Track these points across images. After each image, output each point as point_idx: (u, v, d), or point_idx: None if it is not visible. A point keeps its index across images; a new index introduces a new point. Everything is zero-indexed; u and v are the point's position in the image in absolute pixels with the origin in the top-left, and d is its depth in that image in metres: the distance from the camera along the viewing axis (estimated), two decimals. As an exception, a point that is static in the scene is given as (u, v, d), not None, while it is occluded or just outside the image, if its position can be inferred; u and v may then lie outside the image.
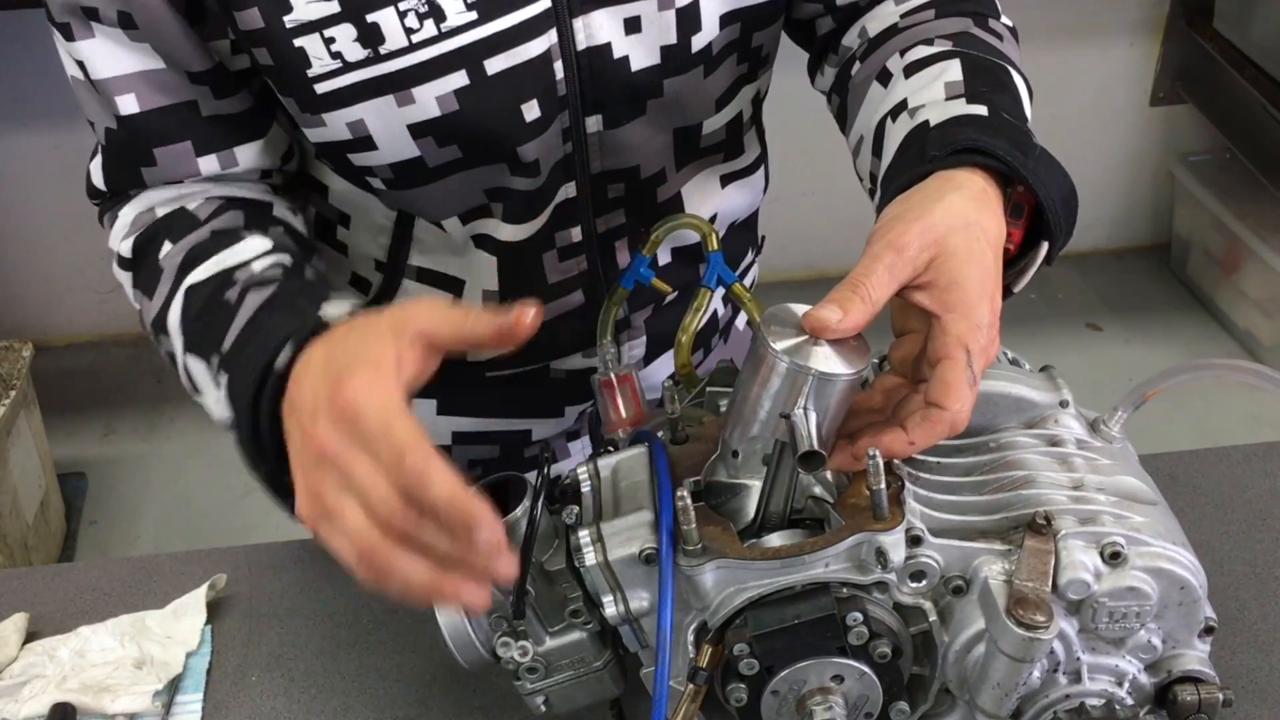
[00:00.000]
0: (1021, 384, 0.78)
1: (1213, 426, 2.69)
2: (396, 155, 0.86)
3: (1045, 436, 0.77)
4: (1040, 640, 0.66)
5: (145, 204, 0.91)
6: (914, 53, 0.87)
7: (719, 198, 1.04)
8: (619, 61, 0.87)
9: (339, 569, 1.04)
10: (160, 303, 0.86)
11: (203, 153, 0.88)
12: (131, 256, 0.90)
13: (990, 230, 0.72)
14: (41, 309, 3.05)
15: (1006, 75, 0.85)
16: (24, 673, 0.94)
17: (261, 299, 0.79)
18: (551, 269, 0.97)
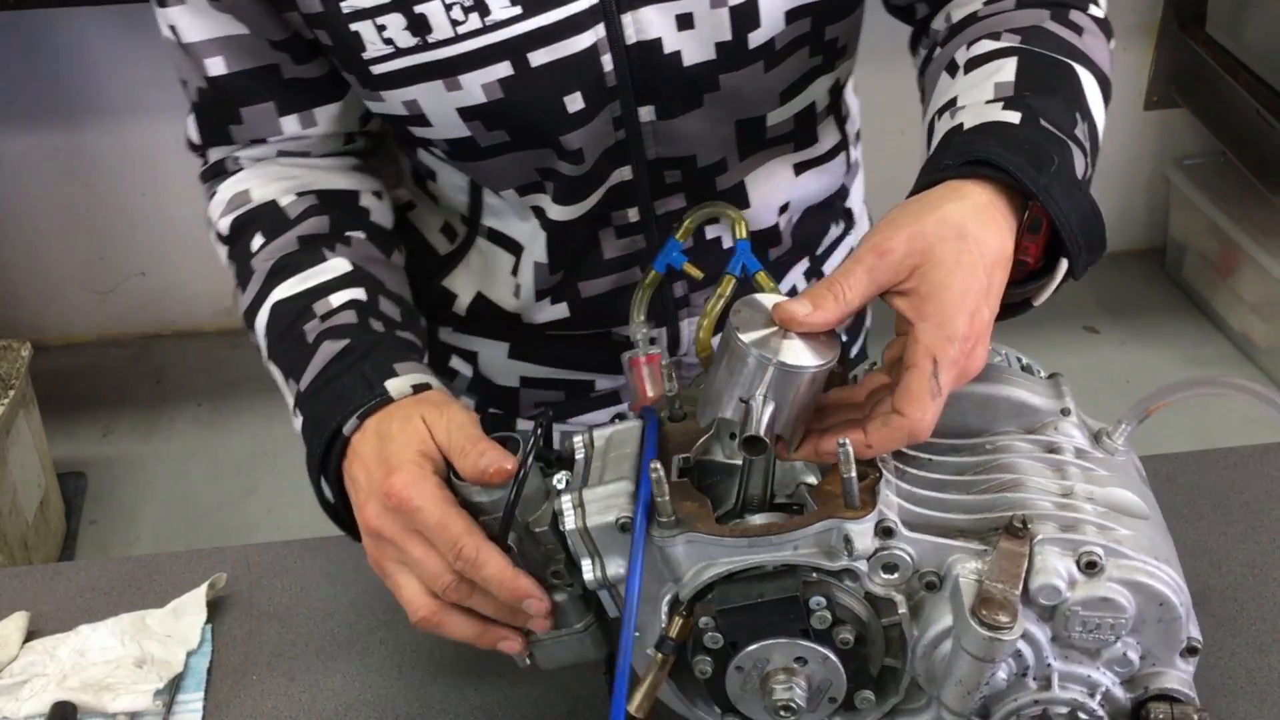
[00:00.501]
0: (1024, 389, 0.78)
1: (1211, 428, 2.70)
2: (449, 134, 0.91)
3: (1043, 443, 0.77)
4: (1001, 641, 0.66)
5: (241, 185, 0.97)
6: (978, 46, 0.85)
7: (791, 185, 1.04)
8: (670, 56, 0.89)
9: (339, 568, 1.05)
10: (250, 301, 0.93)
11: (285, 113, 0.94)
12: (228, 235, 0.97)
13: (988, 245, 0.71)
14: (40, 309, 3.05)
15: (1066, 75, 0.82)
16: (24, 671, 0.94)
17: (335, 350, 0.86)
18: (609, 245, 1.01)
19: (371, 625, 1.00)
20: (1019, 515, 0.70)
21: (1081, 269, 0.75)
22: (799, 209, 1.07)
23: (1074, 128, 0.79)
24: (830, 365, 0.69)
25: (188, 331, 3.13)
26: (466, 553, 0.73)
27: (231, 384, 2.93)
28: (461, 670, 0.95)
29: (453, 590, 0.74)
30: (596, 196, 0.97)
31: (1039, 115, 0.77)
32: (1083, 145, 0.78)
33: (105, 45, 2.76)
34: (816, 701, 0.75)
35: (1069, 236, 0.74)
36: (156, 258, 3.05)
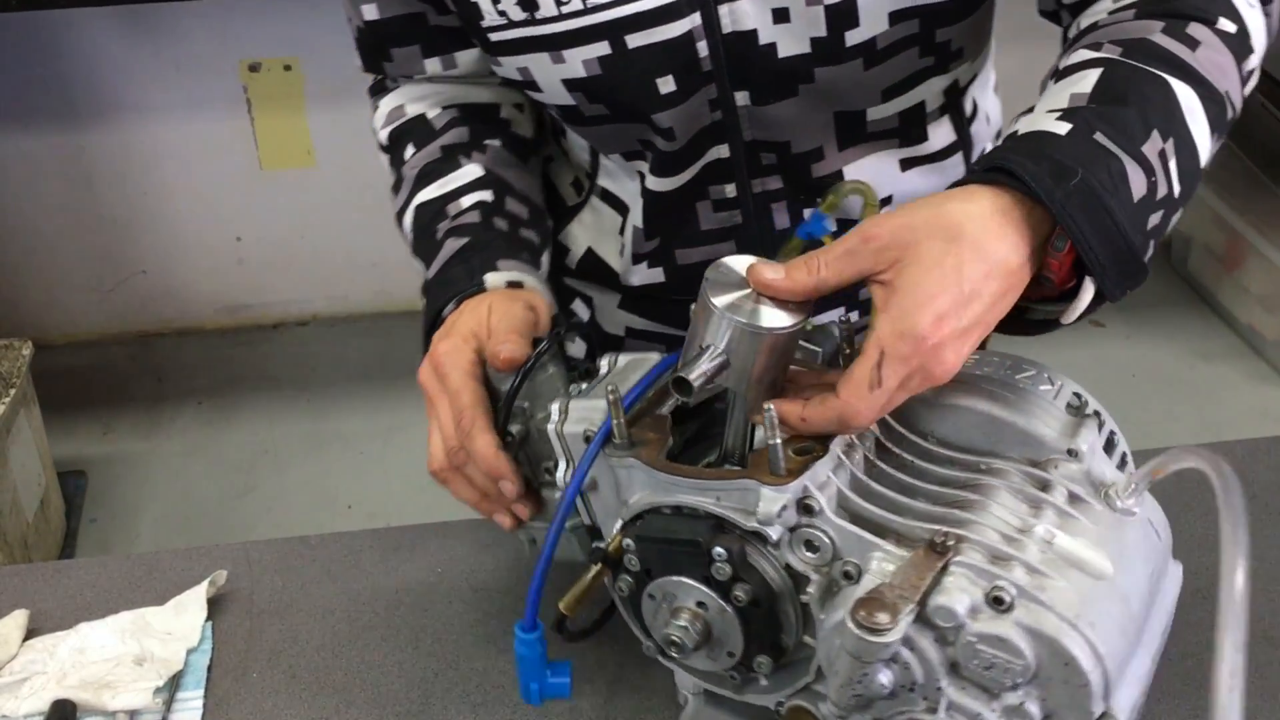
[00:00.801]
0: (1036, 419, 0.75)
1: (1218, 420, 2.69)
2: (558, 100, 0.98)
3: (1036, 479, 0.73)
4: (870, 642, 0.66)
5: (397, 100, 1.09)
6: (1075, 55, 0.82)
7: (896, 180, 1.04)
8: (765, 48, 0.91)
9: (339, 566, 1.04)
10: (401, 203, 1.06)
11: (428, 55, 1.05)
12: (388, 144, 1.10)
13: (984, 251, 0.68)
14: (41, 307, 3.05)
15: (1151, 87, 0.76)
16: (24, 669, 0.94)
17: (456, 247, 0.98)
18: (705, 218, 1.04)
19: (371, 622, 0.99)
20: (947, 532, 0.69)
21: (1114, 290, 0.72)
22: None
23: (1141, 143, 0.73)
24: (787, 332, 0.70)
25: (188, 330, 3.13)
26: (464, 422, 0.85)
27: (232, 382, 2.93)
28: (462, 667, 0.95)
29: (455, 453, 0.86)
30: (692, 172, 1.00)
31: (1095, 128, 0.73)
32: (1148, 163, 0.73)
33: (107, 45, 2.76)
34: (717, 652, 0.77)
35: (1087, 253, 0.70)
36: (157, 257, 3.05)
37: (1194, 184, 0.78)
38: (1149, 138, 0.74)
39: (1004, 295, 0.70)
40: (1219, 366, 2.85)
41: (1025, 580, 0.66)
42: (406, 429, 2.80)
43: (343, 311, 3.21)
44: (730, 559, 0.72)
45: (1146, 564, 0.71)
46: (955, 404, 0.76)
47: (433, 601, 1.01)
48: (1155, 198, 0.74)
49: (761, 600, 0.73)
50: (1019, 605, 0.66)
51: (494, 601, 1.00)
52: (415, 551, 1.05)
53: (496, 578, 1.02)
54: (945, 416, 0.77)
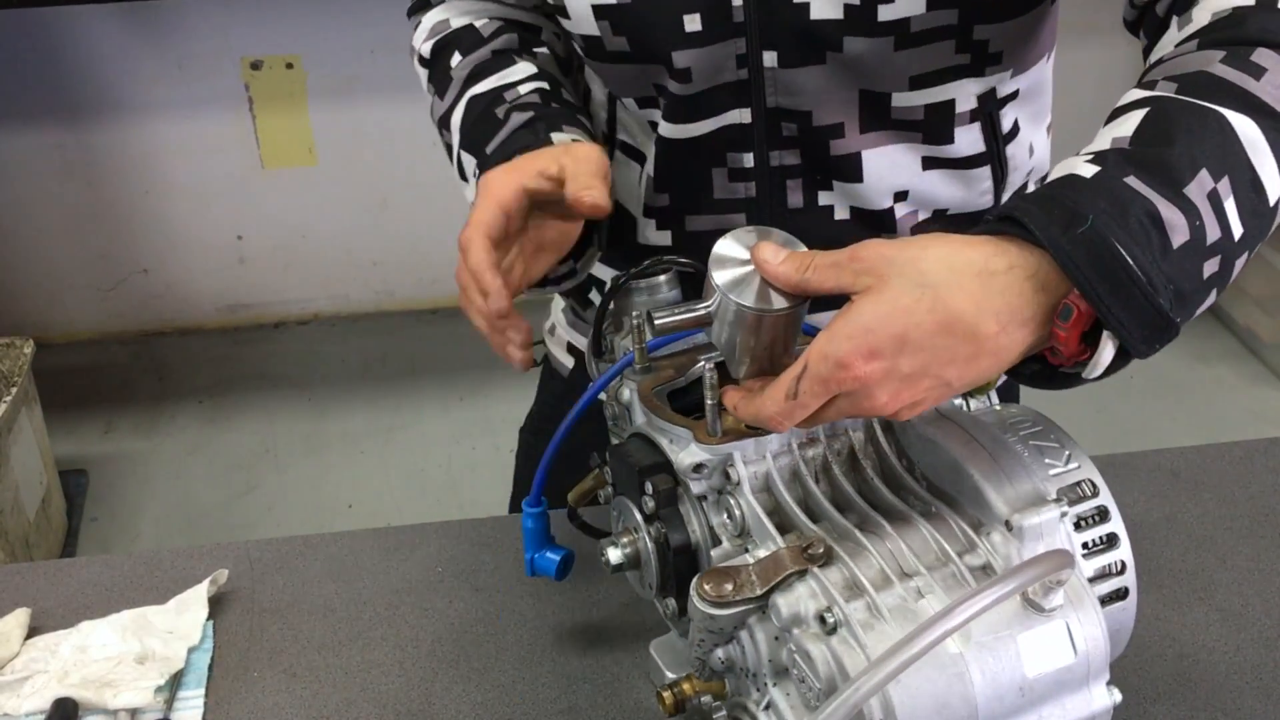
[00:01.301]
0: (997, 482, 0.73)
1: (1214, 422, 2.69)
2: (584, 29, 0.98)
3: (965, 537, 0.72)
4: (702, 611, 0.70)
5: (441, 15, 1.10)
6: (1127, 96, 0.76)
7: (915, 176, 1.03)
8: (799, 6, 0.92)
9: (340, 564, 1.05)
10: (448, 104, 1.05)
11: None
12: (430, 57, 1.09)
13: (951, 307, 0.65)
14: (43, 306, 3.05)
15: (1203, 123, 0.70)
16: (26, 668, 0.94)
17: (522, 120, 0.98)
18: (720, 186, 1.04)
19: (372, 621, 0.99)
20: (820, 541, 0.71)
21: (1140, 346, 0.67)
22: (926, 206, 1.05)
23: (1184, 185, 0.67)
24: (769, 314, 0.73)
25: (189, 329, 3.13)
26: (462, 238, 0.87)
27: (233, 381, 2.93)
28: (462, 667, 0.95)
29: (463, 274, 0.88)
30: (708, 126, 1.00)
31: (1126, 171, 0.67)
32: (1192, 205, 0.67)
33: (108, 43, 2.76)
34: (640, 578, 0.82)
35: (1099, 307, 0.65)
36: (158, 255, 3.06)
37: (1265, 223, 0.72)
38: (1194, 177, 0.68)
39: (969, 359, 0.66)
40: (1216, 368, 2.86)
41: (860, 615, 0.68)
42: (407, 428, 2.80)
43: (344, 311, 3.21)
44: (656, 495, 0.78)
45: (1034, 663, 0.67)
46: (934, 440, 0.76)
47: (433, 601, 1.01)
48: (1205, 243, 0.68)
49: (675, 544, 0.78)
50: (840, 634, 0.67)
51: (494, 601, 1.01)
52: (415, 551, 1.06)
53: (496, 578, 1.03)
54: (925, 450, 0.77)
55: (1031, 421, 0.80)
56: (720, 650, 0.74)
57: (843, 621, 0.68)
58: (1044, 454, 0.77)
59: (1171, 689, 0.92)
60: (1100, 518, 0.76)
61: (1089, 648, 0.68)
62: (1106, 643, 0.69)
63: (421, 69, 1.11)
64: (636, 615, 0.98)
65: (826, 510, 0.75)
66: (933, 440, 0.76)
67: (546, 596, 1.00)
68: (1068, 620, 0.68)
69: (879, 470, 0.78)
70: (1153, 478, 1.11)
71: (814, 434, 0.78)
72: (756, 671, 0.72)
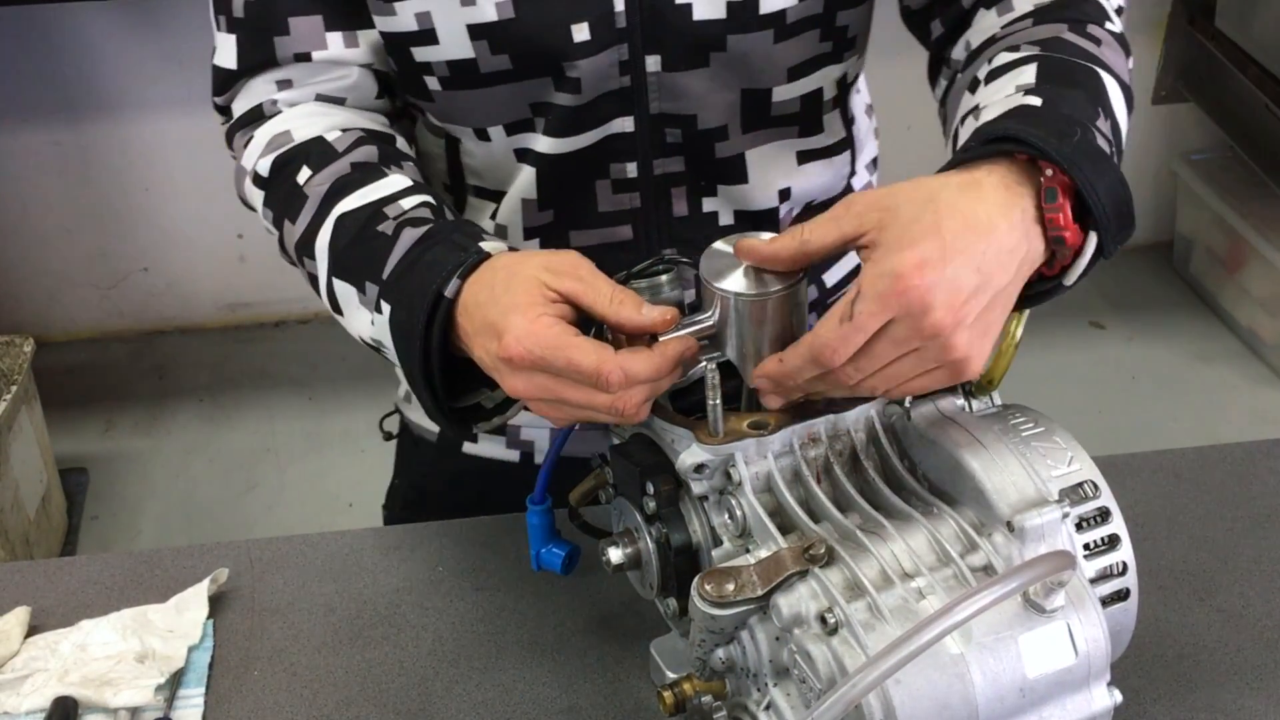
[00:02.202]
0: (998, 481, 0.73)
1: (1216, 423, 2.69)
2: (454, 54, 0.92)
3: (967, 538, 0.72)
4: (704, 611, 0.70)
5: (282, 126, 0.96)
6: (999, 59, 0.86)
7: (793, 172, 1.05)
8: (681, 8, 0.91)
9: (341, 563, 1.05)
10: (306, 226, 0.91)
11: (331, 28, 0.95)
12: (268, 175, 0.95)
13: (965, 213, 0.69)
14: (43, 304, 3.05)
15: (1088, 75, 0.82)
16: (26, 666, 0.94)
17: (418, 234, 0.85)
18: (603, 199, 1.01)
19: (373, 620, 0.99)
20: (821, 541, 0.70)
21: (1112, 244, 0.73)
22: (800, 200, 1.07)
23: (1095, 120, 0.77)
24: (771, 297, 0.73)
25: (190, 327, 3.13)
26: (615, 379, 0.72)
27: (233, 380, 2.93)
28: (463, 666, 0.95)
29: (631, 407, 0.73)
30: (592, 137, 0.97)
31: (1060, 104, 0.77)
32: (1106, 137, 0.77)
33: (108, 41, 2.76)
34: (641, 578, 0.82)
35: (1095, 204, 0.71)
36: (159, 254, 3.05)
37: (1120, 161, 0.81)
38: (1098, 115, 0.79)
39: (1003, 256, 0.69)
40: (1219, 369, 2.85)
41: (861, 616, 0.68)
42: (407, 427, 2.80)
43: (344, 309, 3.21)
44: (658, 496, 0.77)
45: (1035, 664, 0.68)
46: (935, 440, 0.76)
47: (433, 600, 1.01)
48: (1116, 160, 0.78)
49: (676, 544, 0.78)
50: (841, 634, 0.67)
51: (494, 601, 1.00)
52: (416, 550, 1.06)
53: (497, 577, 1.03)
54: (928, 451, 0.77)
55: (1033, 422, 0.80)
56: (721, 650, 0.74)
57: (844, 622, 0.68)
58: (1046, 455, 0.77)
59: (1172, 690, 0.92)
60: (1102, 519, 0.76)
61: (1090, 648, 0.69)
62: (1107, 643, 0.69)
63: (256, 189, 0.97)
64: (637, 615, 0.98)
65: (828, 510, 0.74)
66: (934, 441, 0.76)
67: (547, 596, 1.00)
68: (1069, 621, 0.68)
69: (881, 471, 0.78)
70: (1154, 478, 1.11)
71: (816, 434, 0.78)
72: (757, 672, 0.72)
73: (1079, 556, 0.75)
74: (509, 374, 0.75)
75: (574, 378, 0.73)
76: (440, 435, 1.17)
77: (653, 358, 0.74)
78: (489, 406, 0.86)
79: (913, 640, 0.61)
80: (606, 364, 0.72)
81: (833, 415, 0.78)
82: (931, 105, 1.01)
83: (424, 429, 1.20)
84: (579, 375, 0.73)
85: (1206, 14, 2.79)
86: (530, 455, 1.16)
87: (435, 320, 0.79)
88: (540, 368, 0.74)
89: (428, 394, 0.82)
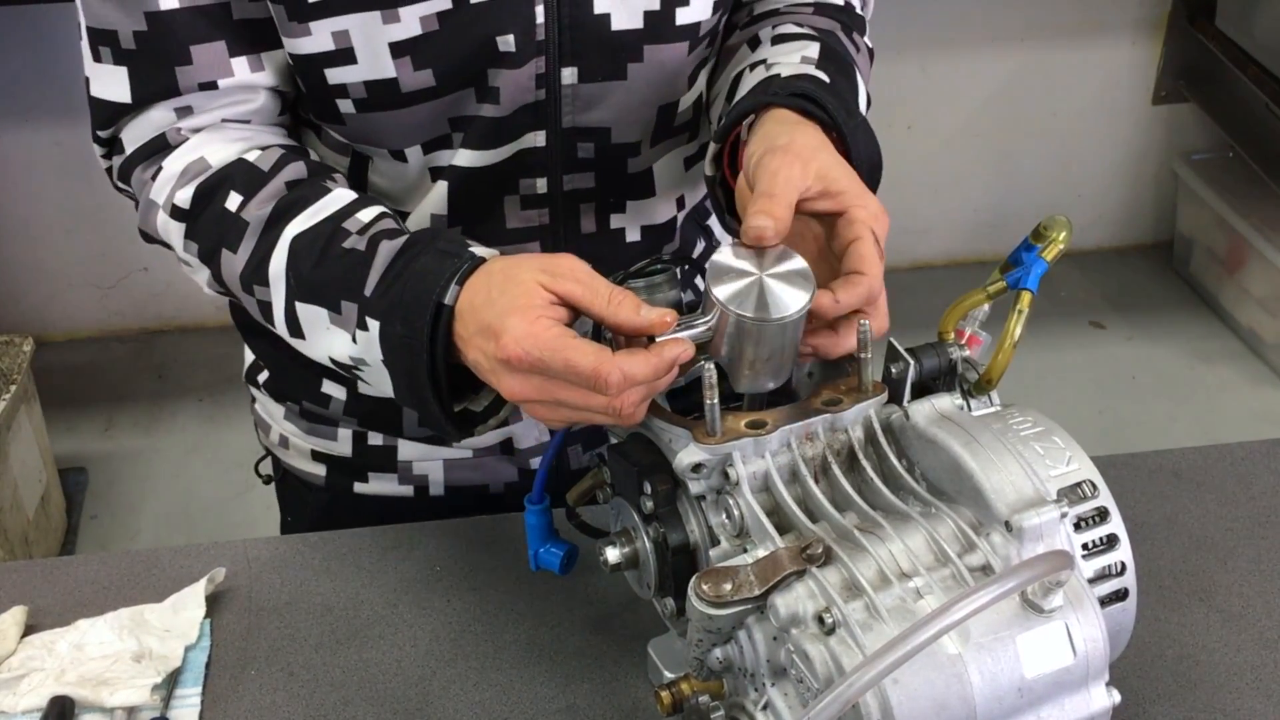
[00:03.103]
0: (997, 481, 0.73)
1: (1216, 423, 2.69)
2: (373, 74, 0.88)
3: (965, 538, 0.72)
4: (701, 611, 0.70)
5: (194, 154, 0.91)
6: (784, 28, 0.97)
7: (685, 181, 1.06)
8: (599, 17, 0.90)
9: (338, 563, 1.04)
10: (251, 253, 0.87)
11: (236, 53, 0.90)
12: (190, 206, 0.90)
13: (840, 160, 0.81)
14: (43, 304, 3.05)
15: (852, 71, 0.95)
16: (22, 666, 0.94)
17: (396, 246, 0.82)
18: (512, 214, 0.99)
19: (370, 620, 0.99)
20: (819, 543, 0.70)
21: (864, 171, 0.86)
22: (690, 205, 1.08)
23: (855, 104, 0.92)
24: (770, 323, 0.74)
25: (189, 327, 3.13)
26: (614, 381, 0.72)
27: (233, 379, 2.91)
28: (460, 665, 0.95)
29: (629, 408, 0.73)
30: (508, 151, 0.95)
31: (839, 87, 0.90)
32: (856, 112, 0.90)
33: (108, 40, 2.76)
34: (638, 578, 0.82)
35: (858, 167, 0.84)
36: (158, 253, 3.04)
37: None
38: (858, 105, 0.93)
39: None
40: (1219, 369, 2.85)
41: (859, 616, 0.67)
42: (407, 427, 2.80)
43: (344, 309, 3.20)
44: (655, 496, 0.77)
45: (1033, 664, 0.67)
46: (934, 440, 0.76)
47: (431, 600, 1.01)
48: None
49: (673, 544, 0.78)
50: (839, 634, 0.67)
51: (492, 599, 1.00)
52: (414, 550, 1.05)
53: (494, 577, 1.02)
54: (925, 449, 0.77)
55: (1032, 422, 0.79)
56: (718, 650, 0.74)
57: (841, 622, 0.67)
58: (1044, 454, 0.76)
59: (1171, 690, 0.92)
60: (1100, 518, 0.76)
61: (1088, 649, 0.68)
62: (1106, 644, 0.69)
63: (175, 222, 0.91)
64: (634, 615, 0.97)
65: (825, 510, 0.74)
66: (933, 440, 0.76)
67: (545, 596, 1.00)
68: (1067, 621, 0.68)
69: (879, 470, 0.77)
70: (1154, 478, 1.11)
71: (813, 432, 0.77)
72: (754, 672, 0.72)
73: (1077, 556, 0.74)
74: (506, 375, 0.75)
75: (572, 379, 0.73)
76: (327, 478, 1.14)
77: (650, 359, 0.73)
78: (477, 410, 0.85)
79: (910, 640, 0.61)
80: (605, 365, 0.72)
81: (830, 414, 0.77)
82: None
83: (306, 473, 1.16)
84: (577, 377, 0.73)
85: (1207, 14, 2.79)
86: (425, 489, 1.12)
87: (438, 331, 0.78)
88: (538, 369, 0.74)
89: (434, 403, 0.81)
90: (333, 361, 0.87)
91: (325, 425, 1.12)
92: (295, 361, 0.96)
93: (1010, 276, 0.86)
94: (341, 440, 1.12)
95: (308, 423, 1.12)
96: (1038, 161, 3.07)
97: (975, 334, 0.88)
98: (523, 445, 1.10)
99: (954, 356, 0.83)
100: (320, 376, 1.08)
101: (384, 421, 1.09)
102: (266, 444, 1.20)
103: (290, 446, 1.16)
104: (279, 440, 1.17)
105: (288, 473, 1.19)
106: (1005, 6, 2.84)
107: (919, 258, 3.09)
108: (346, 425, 1.11)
